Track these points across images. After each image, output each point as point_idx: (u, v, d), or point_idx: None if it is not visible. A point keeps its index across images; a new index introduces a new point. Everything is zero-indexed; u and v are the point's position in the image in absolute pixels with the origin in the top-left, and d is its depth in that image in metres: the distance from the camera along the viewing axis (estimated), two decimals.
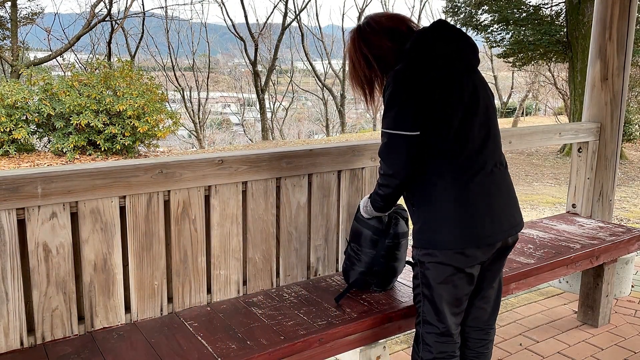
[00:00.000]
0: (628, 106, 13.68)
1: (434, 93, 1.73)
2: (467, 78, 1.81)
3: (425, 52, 1.78)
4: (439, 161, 1.77)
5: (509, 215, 1.85)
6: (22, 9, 17.89)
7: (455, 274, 1.80)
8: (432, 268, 1.81)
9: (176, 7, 41.53)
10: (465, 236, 1.76)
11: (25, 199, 1.73)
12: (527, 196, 7.96)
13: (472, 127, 1.79)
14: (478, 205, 1.77)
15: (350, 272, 2.25)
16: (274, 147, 8.51)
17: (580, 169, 3.53)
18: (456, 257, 1.78)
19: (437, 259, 1.79)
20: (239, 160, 2.12)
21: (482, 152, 1.80)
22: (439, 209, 1.77)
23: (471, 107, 1.79)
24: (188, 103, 23.88)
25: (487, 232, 1.78)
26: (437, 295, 1.83)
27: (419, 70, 1.75)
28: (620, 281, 3.56)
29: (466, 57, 1.83)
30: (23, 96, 11.09)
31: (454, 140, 1.76)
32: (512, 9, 12.78)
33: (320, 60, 26.77)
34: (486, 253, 1.82)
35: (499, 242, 1.83)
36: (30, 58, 17.56)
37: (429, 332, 1.89)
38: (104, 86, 11.58)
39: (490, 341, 2.04)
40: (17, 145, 11.45)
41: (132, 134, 11.58)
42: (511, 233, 1.85)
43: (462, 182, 1.76)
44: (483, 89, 1.86)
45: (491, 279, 1.96)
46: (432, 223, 1.79)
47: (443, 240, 1.77)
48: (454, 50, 1.80)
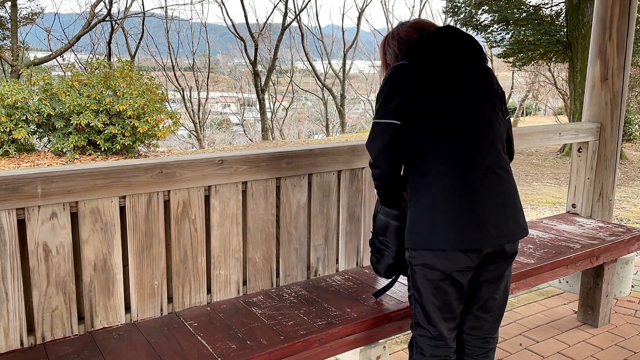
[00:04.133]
0: (628, 106, 13.69)
1: (424, 91, 1.76)
2: (467, 81, 1.81)
3: (419, 52, 1.82)
4: (428, 160, 1.77)
5: (501, 222, 1.77)
6: (22, 9, 17.91)
7: (441, 278, 1.77)
8: (418, 271, 1.81)
9: (176, 7, 41.57)
10: (446, 238, 1.73)
11: (25, 199, 1.73)
12: (527, 196, 7.97)
13: (465, 130, 1.77)
14: (465, 208, 1.73)
15: (380, 265, 2.16)
16: (274, 147, 8.51)
17: (580, 169, 3.53)
18: (438, 259, 1.75)
19: (422, 260, 1.78)
20: (239, 160, 2.12)
21: (475, 155, 1.76)
22: (425, 208, 1.77)
23: (466, 110, 1.78)
24: (188, 103, 23.88)
25: (471, 237, 1.73)
26: (426, 299, 1.82)
27: (411, 68, 1.79)
28: (620, 281, 3.56)
29: (469, 60, 1.83)
30: (23, 96, 11.09)
31: (444, 142, 1.76)
32: (512, 9, 12.78)
33: (320, 60, 26.77)
34: (472, 259, 1.76)
35: (484, 249, 1.76)
36: (30, 58, 17.55)
37: (421, 336, 1.88)
38: (104, 86, 11.57)
39: (491, 350, 1.97)
40: (17, 145, 11.45)
41: (132, 134, 11.58)
42: (501, 242, 1.77)
43: (450, 183, 1.74)
44: (486, 94, 1.84)
45: (491, 290, 1.88)
46: (417, 223, 1.78)
47: (426, 240, 1.76)
48: (454, 52, 1.81)
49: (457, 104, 1.77)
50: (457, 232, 1.72)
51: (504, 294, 1.93)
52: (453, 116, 1.77)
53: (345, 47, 25.47)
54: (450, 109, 1.77)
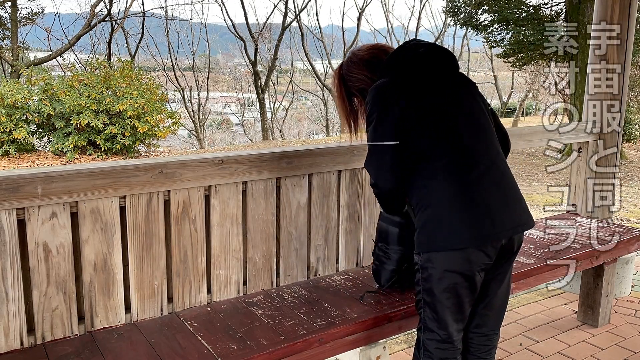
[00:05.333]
0: (628, 106, 13.68)
1: (413, 102, 1.80)
2: (446, 84, 1.87)
3: (401, 65, 1.87)
4: (430, 165, 1.79)
5: (511, 213, 1.81)
6: (22, 9, 17.88)
7: (457, 281, 1.77)
8: (433, 274, 1.79)
9: (176, 7, 41.54)
10: (462, 236, 1.73)
11: (25, 199, 1.73)
12: (527, 196, 7.97)
13: (459, 131, 1.81)
14: (475, 203, 1.75)
15: (381, 272, 2.23)
16: (274, 147, 8.50)
17: (580, 169, 3.53)
18: (456, 261, 1.75)
19: (438, 264, 1.77)
20: (239, 160, 2.12)
21: (474, 153, 1.80)
22: (435, 210, 1.77)
23: (457, 112, 1.84)
24: (188, 103, 23.87)
25: (487, 231, 1.75)
26: (438, 302, 1.81)
27: (394, 83, 1.84)
28: (620, 281, 3.56)
29: (441, 65, 1.89)
30: (23, 96, 11.08)
31: (442, 143, 1.79)
32: (512, 9, 12.77)
33: (320, 60, 26.76)
34: (489, 254, 1.77)
35: (501, 240, 1.78)
36: (30, 58, 17.54)
37: (430, 339, 1.87)
38: (104, 86, 11.56)
39: (493, 347, 2.00)
40: (17, 145, 11.45)
41: (132, 134, 11.57)
42: (516, 231, 1.81)
43: (455, 182, 1.76)
44: (467, 91, 1.91)
45: (496, 287, 1.91)
46: (429, 225, 1.78)
47: (441, 240, 1.75)
48: (428, 60, 1.87)
49: (447, 107, 1.83)
50: (471, 228, 1.74)
51: (506, 290, 1.97)
52: (446, 119, 1.81)
53: (345, 47, 25.47)
54: (442, 113, 1.82)
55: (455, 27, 24.30)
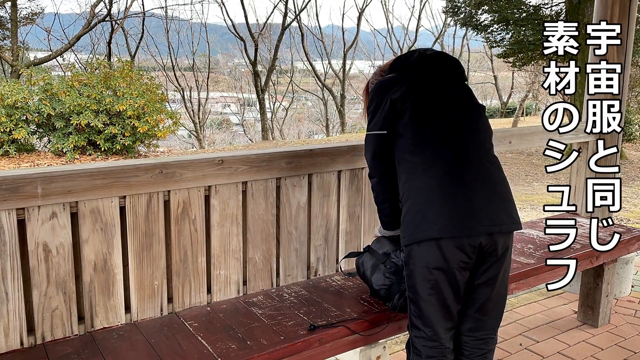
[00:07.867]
0: (628, 106, 13.68)
1: (407, 94, 1.89)
2: (451, 87, 1.96)
3: (404, 62, 2.00)
4: (416, 158, 1.84)
5: (491, 211, 1.79)
6: (22, 9, 17.85)
7: (437, 278, 1.77)
8: (414, 270, 1.82)
9: (176, 7, 41.48)
10: (438, 226, 1.74)
11: (25, 199, 1.73)
12: (527, 196, 7.96)
13: (450, 127, 1.87)
14: (454, 197, 1.77)
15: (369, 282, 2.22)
16: (274, 147, 8.50)
17: (580, 169, 3.53)
18: (433, 256, 1.76)
19: (417, 259, 1.79)
20: (239, 160, 2.12)
21: (463, 150, 1.84)
22: (416, 202, 1.81)
23: (451, 110, 1.90)
24: (188, 103, 23.86)
25: (463, 223, 1.74)
26: (421, 299, 1.83)
27: (396, 78, 1.95)
28: (620, 281, 3.56)
29: (445, 68, 1.98)
30: (23, 96, 11.08)
31: (431, 139, 1.85)
32: (512, 9, 12.77)
33: (320, 60, 26.75)
34: (466, 252, 1.75)
35: (479, 236, 1.76)
36: (30, 58, 17.54)
37: (417, 337, 1.88)
38: (104, 86, 11.56)
39: (488, 351, 1.97)
40: (17, 145, 11.45)
41: (132, 134, 11.57)
42: (494, 230, 1.78)
43: (438, 176, 1.80)
44: (469, 98, 1.98)
45: (487, 292, 1.88)
46: (409, 217, 1.82)
47: (419, 232, 1.78)
48: (433, 62, 1.97)
49: (442, 104, 1.90)
50: (447, 219, 1.75)
51: (501, 295, 1.94)
52: (438, 115, 1.88)
53: (345, 47, 25.48)
54: (435, 108, 1.89)
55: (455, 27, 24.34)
